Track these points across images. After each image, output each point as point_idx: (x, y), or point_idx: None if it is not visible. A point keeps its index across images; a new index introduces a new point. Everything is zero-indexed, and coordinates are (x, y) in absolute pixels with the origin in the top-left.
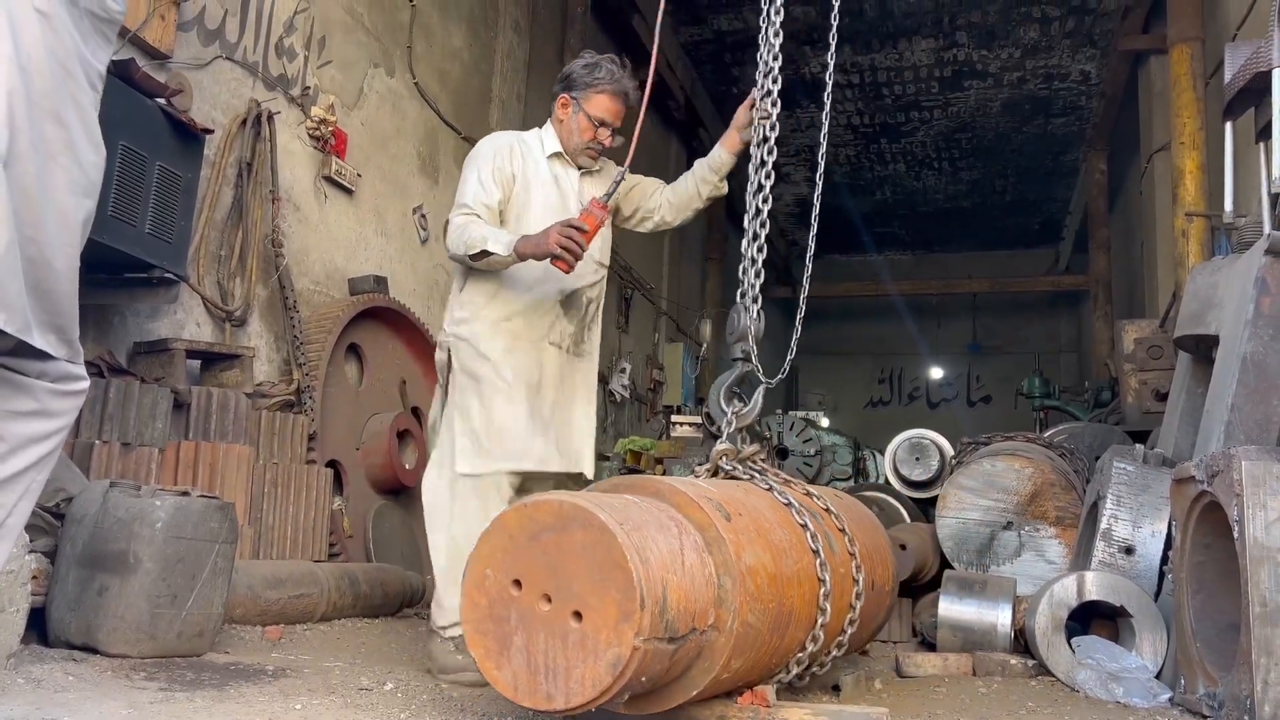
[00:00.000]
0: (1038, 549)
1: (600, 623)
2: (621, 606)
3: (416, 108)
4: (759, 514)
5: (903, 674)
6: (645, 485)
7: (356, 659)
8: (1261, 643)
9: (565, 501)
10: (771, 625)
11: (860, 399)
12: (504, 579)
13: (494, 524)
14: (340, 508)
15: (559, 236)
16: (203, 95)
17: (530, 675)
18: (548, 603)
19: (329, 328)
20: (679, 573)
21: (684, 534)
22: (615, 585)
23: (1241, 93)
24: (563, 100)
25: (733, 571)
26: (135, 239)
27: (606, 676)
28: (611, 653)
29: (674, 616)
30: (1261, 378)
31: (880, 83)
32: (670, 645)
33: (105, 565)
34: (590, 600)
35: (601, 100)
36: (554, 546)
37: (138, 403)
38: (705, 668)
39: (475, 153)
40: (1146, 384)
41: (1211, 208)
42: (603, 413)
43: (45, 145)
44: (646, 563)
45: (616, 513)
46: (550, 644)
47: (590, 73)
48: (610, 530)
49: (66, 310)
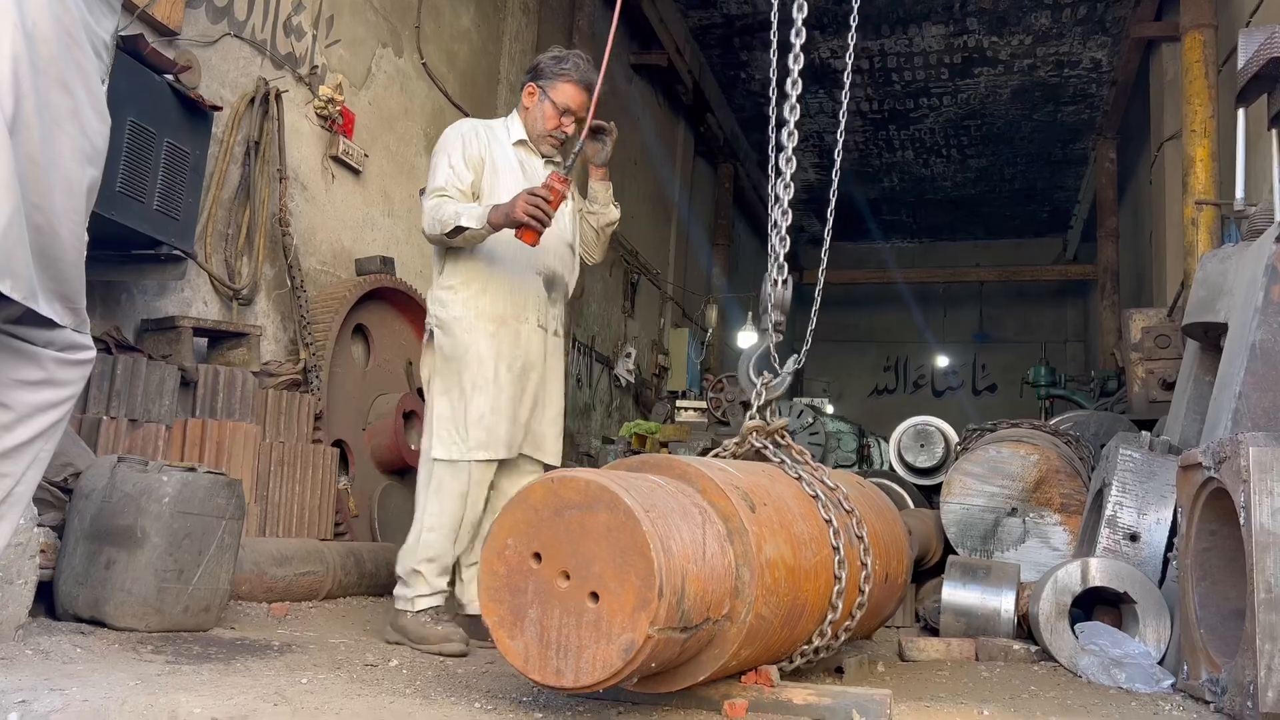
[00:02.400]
0: (1042, 535)
1: (617, 606)
2: (640, 594)
3: (424, 88)
4: (784, 504)
5: (905, 658)
6: (672, 466)
7: (362, 636)
8: (1266, 629)
9: (593, 481)
10: (785, 618)
11: (865, 387)
12: (525, 550)
13: (519, 495)
14: (346, 487)
15: (525, 204)
16: (211, 73)
17: (542, 649)
18: (566, 580)
19: (336, 308)
20: (699, 563)
21: (707, 522)
22: (636, 571)
23: (1254, 79)
24: (529, 89)
25: (752, 564)
26: (143, 215)
27: (618, 661)
28: (625, 638)
29: (690, 607)
30: (1270, 366)
31: (890, 69)
32: (683, 634)
33: (113, 540)
34: (609, 583)
35: (567, 89)
36: (577, 525)
37: (145, 379)
38: (715, 655)
39: (443, 139)
40: (1153, 373)
41: (1222, 196)
42: (608, 397)
43: (51, 112)
44: (669, 552)
45: (643, 497)
46: (565, 621)
47: (557, 64)
48: (635, 516)
49: (73, 279)
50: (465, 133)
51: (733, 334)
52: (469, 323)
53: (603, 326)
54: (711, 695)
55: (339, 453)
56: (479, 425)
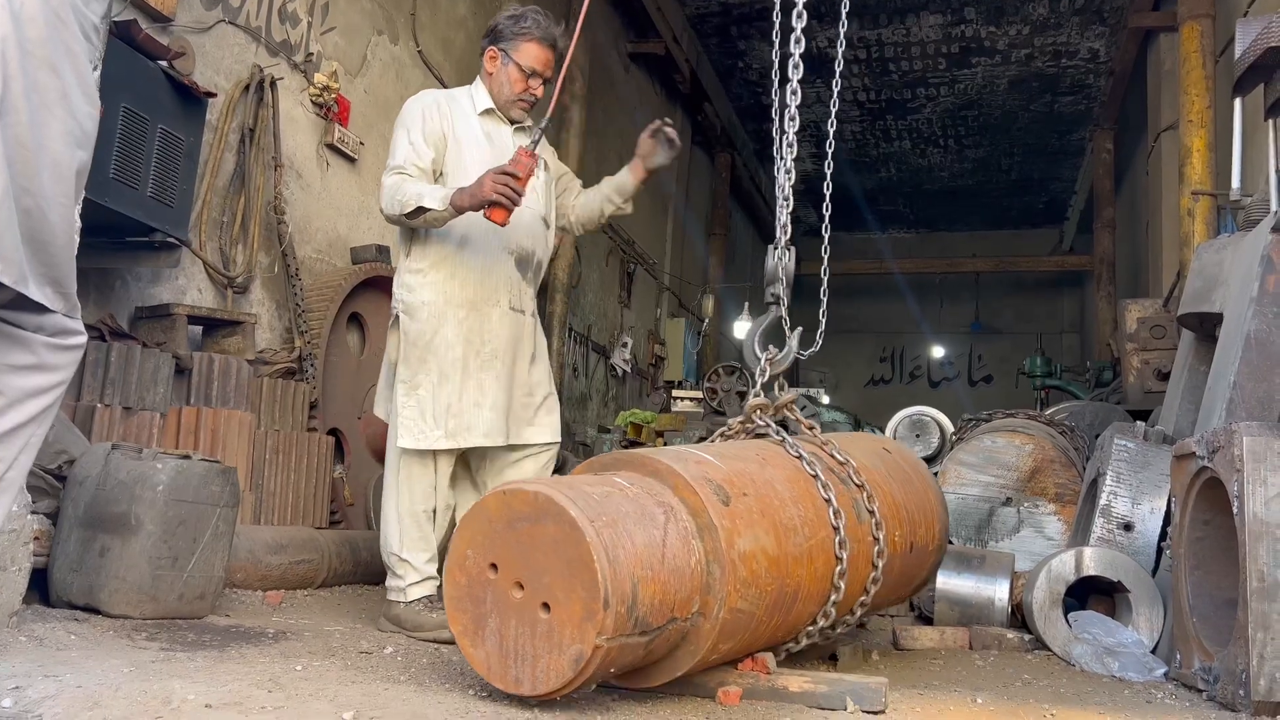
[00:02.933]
0: (1037, 525)
1: (565, 617)
2: (586, 605)
3: (420, 76)
4: (770, 490)
5: (899, 646)
6: (644, 463)
7: (357, 624)
8: (1258, 618)
9: (540, 493)
10: (770, 607)
11: (861, 377)
12: (483, 561)
13: (476, 507)
14: (341, 476)
15: (493, 183)
16: (205, 59)
17: (501, 658)
18: (520, 590)
19: (331, 296)
20: (656, 566)
21: (672, 521)
22: (581, 583)
23: (1251, 69)
24: (490, 53)
25: (722, 560)
26: (137, 202)
27: (569, 670)
28: (574, 649)
29: (646, 612)
30: (1265, 356)
31: (887, 58)
32: (644, 638)
33: (107, 527)
34: (558, 594)
35: (530, 49)
36: (528, 536)
37: (139, 367)
38: (690, 651)
39: (402, 113)
40: (1148, 364)
41: (1218, 187)
42: (604, 386)
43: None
44: (615, 562)
45: (592, 506)
46: (520, 630)
47: (516, 23)
48: (579, 527)
49: (63, 263)
50: (426, 106)
51: (729, 324)
52: (437, 308)
53: (599, 316)
54: (707, 682)
55: (334, 441)
56: (447, 414)
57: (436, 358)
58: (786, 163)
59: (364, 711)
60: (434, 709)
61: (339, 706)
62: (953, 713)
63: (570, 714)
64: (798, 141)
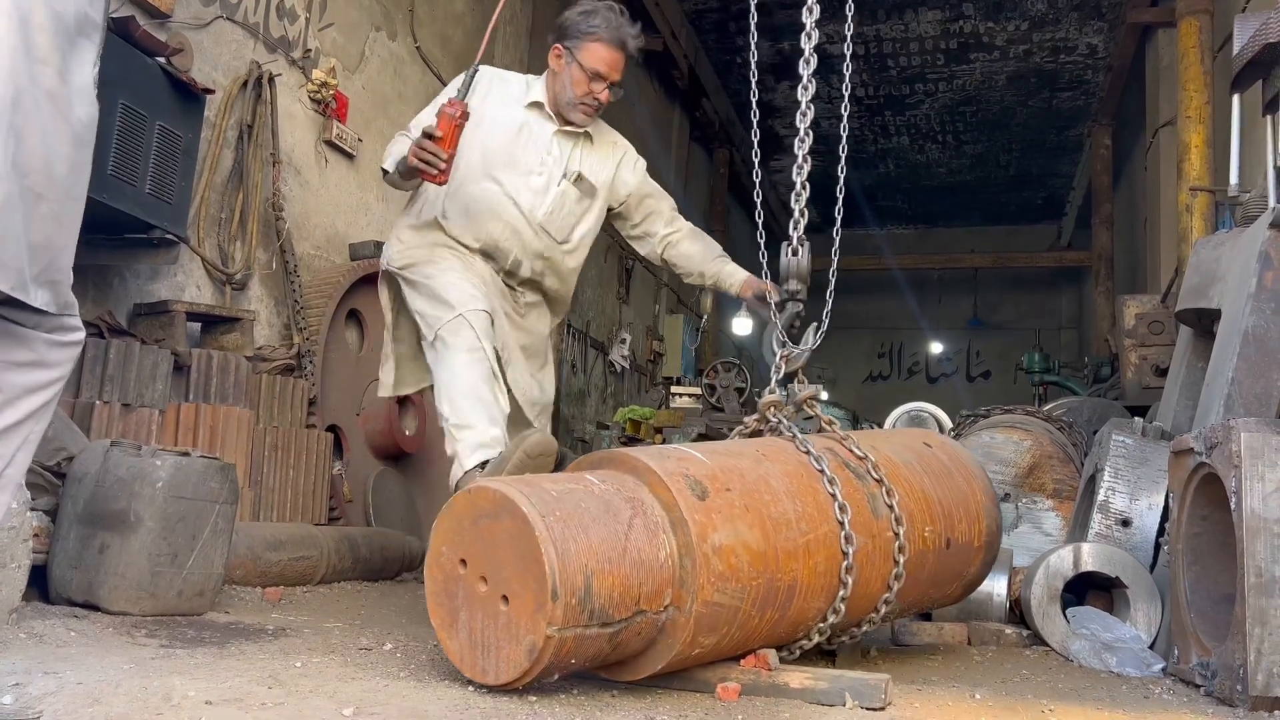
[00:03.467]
0: (1035, 521)
1: (521, 609)
2: (537, 596)
3: (418, 72)
4: (762, 484)
5: (898, 642)
6: (623, 461)
7: (356, 620)
8: (1256, 613)
9: (498, 490)
10: (759, 601)
11: (860, 373)
12: (454, 557)
13: (447, 506)
14: (340, 472)
15: (415, 148)
16: (203, 56)
17: (471, 649)
18: (484, 584)
19: (329, 293)
20: (616, 560)
21: (639, 516)
22: (533, 575)
23: (1250, 65)
24: (556, 50)
25: (694, 553)
26: (135, 199)
27: (525, 660)
28: (529, 639)
29: (603, 604)
30: (1262, 352)
31: (885, 54)
32: (605, 629)
33: (106, 524)
34: (515, 586)
35: (596, 50)
36: (488, 532)
37: (138, 364)
38: (668, 644)
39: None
40: (1146, 359)
41: (1216, 183)
42: (602, 382)
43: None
44: (565, 555)
45: (546, 502)
46: (486, 622)
47: (586, 20)
48: (530, 522)
49: (66, 266)
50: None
51: (727, 320)
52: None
53: (598, 313)
54: (708, 678)
55: (333, 438)
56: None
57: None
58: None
59: (364, 708)
60: (434, 705)
61: (339, 703)
62: (951, 708)
63: (568, 708)
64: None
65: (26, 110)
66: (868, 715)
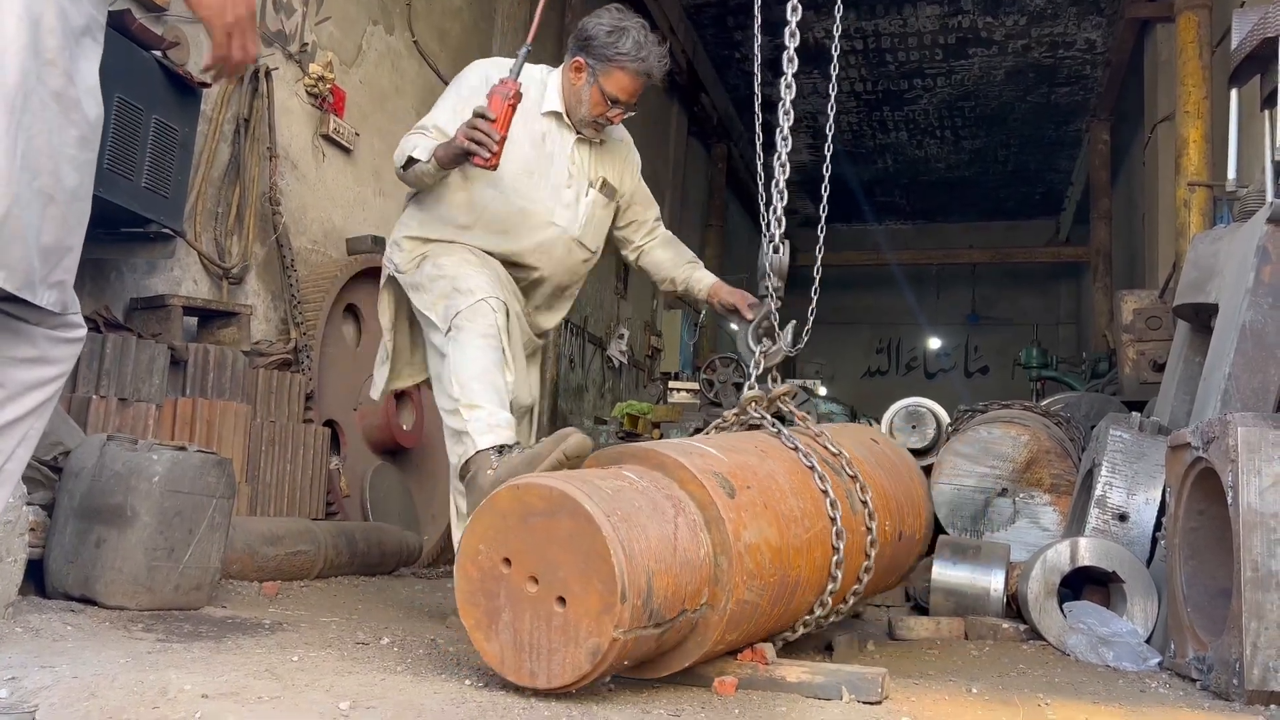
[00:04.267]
0: (1032, 516)
1: (582, 611)
2: (603, 598)
3: (415, 67)
4: (771, 482)
5: (895, 636)
6: (649, 456)
7: (353, 615)
8: (1252, 607)
9: (555, 488)
10: (773, 598)
11: (858, 368)
12: (495, 556)
13: (486, 503)
14: (337, 467)
15: (466, 128)
16: (199, 49)
17: (516, 652)
18: (535, 584)
19: (327, 287)
20: (669, 559)
21: (680, 514)
22: (598, 576)
23: (1248, 59)
24: (577, 64)
25: (729, 551)
26: (131, 193)
27: (586, 664)
28: (591, 642)
29: (660, 604)
30: (1260, 346)
31: (884, 49)
32: (657, 630)
33: (102, 518)
34: (574, 588)
35: (620, 79)
36: (542, 531)
37: (135, 358)
38: (699, 642)
39: (460, 79)
40: (1144, 355)
41: (1214, 178)
42: (600, 378)
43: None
44: (631, 555)
45: (606, 501)
46: (535, 624)
47: (615, 41)
48: (596, 522)
49: (71, 266)
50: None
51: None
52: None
53: (595, 308)
54: (706, 672)
55: (330, 433)
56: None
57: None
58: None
59: (361, 701)
60: (431, 699)
61: (335, 697)
62: (948, 702)
63: (566, 704)
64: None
65: (35, 112)
66: (865, 709)
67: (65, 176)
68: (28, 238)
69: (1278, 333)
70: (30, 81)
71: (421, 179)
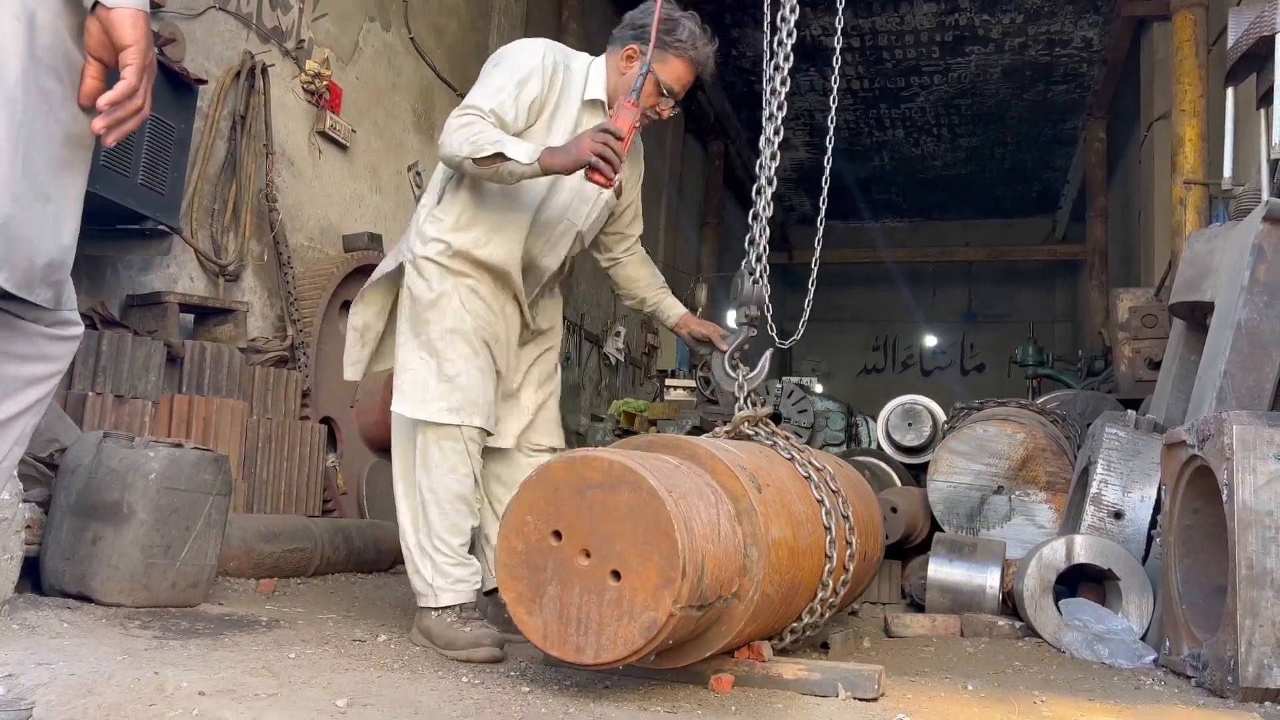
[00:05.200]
0: (1028, 513)
1: (639, 585)
2: (663, 573)
3: (412, 63)
4: (783, 485)
5: (891, 634)
6: (681, 447)
7: (350, 612)
8: (1247, 604)
9: (616, 461)
10: (784, 595)
11: (854, 366)
12: (544, 528)
13: (538, 473)
14: (334, 464)
15: (594, 143)
16: (195, 46)
17: (561, 626)
18: (586, 558)
19: (323, 284)
20: (716, 543)
21: (720, 503)
22: (659, 551)
23: (1244, 58)
24: (631, 51)
25: (760, 544)
26: (127, 189)
27: (639, 638)
28: (647, 616)
29: (708, 585)
30: (1255, 344)
31: (881, 46)
32: (699, 612)
33: (99, 515)
34: (631, 562)
35: (676, 67)
36: (600, 504)
37: (131, 355)
38: (722, 632)
39: (515, 55)
40: (1140, 353)
41: (1210, 176)
42: (597, 375)
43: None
44: (691, 532)
45: (665, 478)
46: (585, 599)
47: (672, 31)
48: (660, 496)
49: (67, 263)
50: (545, 67)
51: (722, 314)
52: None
53: (592, 305)
54: (702, 670)
55: (327, 430)
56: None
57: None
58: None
59: (358, 699)
60: (427, 696)
61: (332, 694)
62: (944, 699)
63: (561, 699)
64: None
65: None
66: (861, 706)
67: (59, 174)
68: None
69: (1273, 331)
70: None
71: (505, 177)
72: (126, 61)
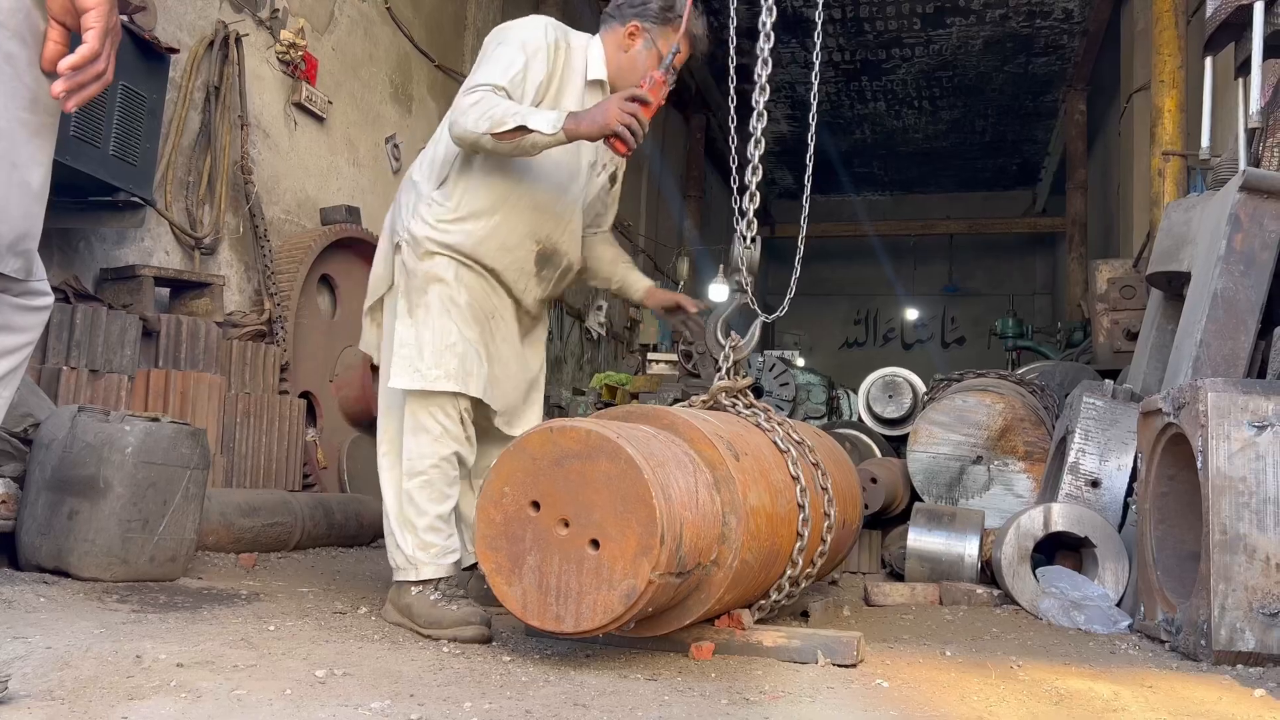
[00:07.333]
0: (1006, 483)
1: (618, 553)
2: (642, 540)
3: (389, 34)
4: (760, 454)
5: (871, 603)
6: (659, 417)
7: (330, 585)
8: (1220, 569)
9: (593, 431)
10: (763, 562)
11: (836, 339)
12: (522, 499)
13: (516, 444)
14: (314, 439)
15: (622, 112)
16: (167, 15)
17: (540, 596)
18: (565, 527)
19: (300, 258)
20: (694, 510)
21: (697, 471)
22: (637, 519)
23: (1222, 27)
24: (634, 29)
25: (738, 511)
26: (99, 160)
27: (619, 606)
28: (626, 583)
29: (686, 553)
30: (1231, 313)
31: (862, 18)
32: (678, 579)
33: (75, 490)
34: (610, 530)
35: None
36: (577, 474)
37: (106, 329)
38: (701, 599)
39: (519, 35)
40: (1118, 324)
41: (1189, 147)
42: (579, 349)
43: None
44: (669, 500)
45: (642, 446)
46: (564, 568)
47: (672, 8)
48: (637, 464)
49: (35, 232)
50: (550, 44)
51: (704, 286)
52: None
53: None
54: (682, 638)
55: (306, 404)
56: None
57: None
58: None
59: (337, 669)
60: (408, 666)
61: (312, 665)
62: (922, 665)
63: (542, 667)
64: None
65: None
66: (840, 672)
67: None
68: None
69: (1248, 300)
70: None
71: (529, 149)
72: (89, 25)
